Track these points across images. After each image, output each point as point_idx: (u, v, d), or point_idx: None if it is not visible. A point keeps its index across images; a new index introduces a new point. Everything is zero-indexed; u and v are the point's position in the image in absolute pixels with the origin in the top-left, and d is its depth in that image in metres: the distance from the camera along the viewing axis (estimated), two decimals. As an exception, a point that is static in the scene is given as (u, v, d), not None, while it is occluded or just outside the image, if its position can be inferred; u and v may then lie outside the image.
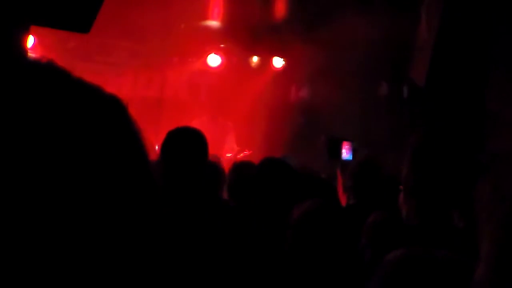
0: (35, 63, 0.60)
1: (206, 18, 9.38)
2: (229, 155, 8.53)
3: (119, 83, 9.13)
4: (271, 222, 2.81)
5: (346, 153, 5.97)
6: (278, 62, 9.81)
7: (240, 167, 3.71)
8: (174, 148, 2.52)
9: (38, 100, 0.54)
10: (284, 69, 9.82)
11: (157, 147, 8.25)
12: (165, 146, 2.56)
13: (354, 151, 6.01)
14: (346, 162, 5.75)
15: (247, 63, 9.81)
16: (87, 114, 0.56)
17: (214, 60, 9.48)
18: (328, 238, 2.14)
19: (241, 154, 8.52)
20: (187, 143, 2.54)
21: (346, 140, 6.15)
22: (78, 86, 0.60)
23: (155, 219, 0.60)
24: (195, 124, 8.19)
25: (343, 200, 3.95)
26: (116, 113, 0.61)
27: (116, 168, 0.56)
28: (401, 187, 2.24)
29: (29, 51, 6.33)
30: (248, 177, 3.50)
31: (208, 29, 9.33)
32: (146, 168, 0.61)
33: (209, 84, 9.74)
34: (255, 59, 9.84)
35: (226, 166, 4.82)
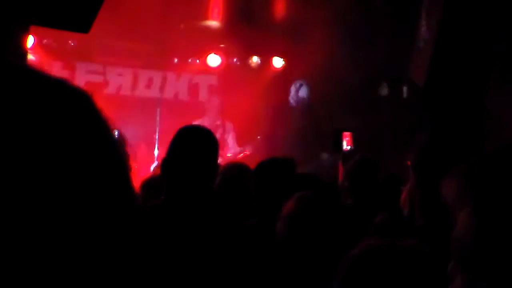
0: None
1: (206, 18, 9.37)
2: (229, 155, 8.53)
3: (119, 83, 9.13)
4: (269, 222, 2.80)
5: (347, 144, 5.84)
6: (278, 62, 9.82)
7: (228, 169, 3.68)
8: (186, 145, 2.51)
9: None
10: (284, 69, 9.82)
11: (156, 152, 8.22)
12: (176, 142, 2.53)
13: (356, 142, 5.88)
14: (348, 153, 5.63)
15: (247, 63, 9.81)
16: (51, 108, 0.52)
17: (214, 60, 9.48)
18: (325, 231, 2.12)
19: (241, 154, 8.52)
20: (199, 141, 2.53)
21: (347, 130, 6.02)
22: (40, 79, 0.54)
23: (131, 215, 0.57)
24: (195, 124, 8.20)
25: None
26: (82, 106, 0.56)
27: (85, 163, 0.52)
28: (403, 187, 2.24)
29: (29, 51, 6.32)
30: (232, 178, 3.50)
31: (208, 29, 9.33)
32: (118, 162, 0.58)
33: (209, 84, 9.74)
34: (255, 59, 9.84)
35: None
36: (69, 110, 0.54)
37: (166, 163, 2.49)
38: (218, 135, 8.67)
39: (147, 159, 8.21)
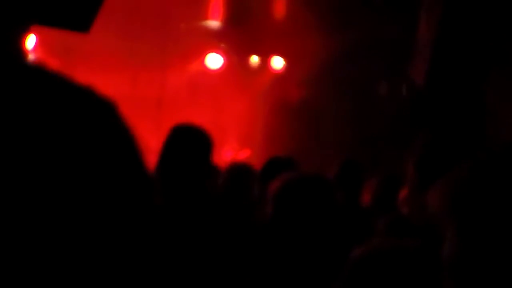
0: (24, 65, 0.58)
1: (206, 18, 9.38)
2: (229, 155, 8.54)
3: (119, 83, 9.12)
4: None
5: None
6: (278, 62, 9.81)
7: (232, 170, 3.68)
8: (177, 147, 2.49)
9: (28, 103, 0.52)
10: (284, 69, 9.82)
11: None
12: (168, 143, 2.52)
13: None
14: None
15: (247, 63, 9.81)
16: (79, 116, 0.55)
17: (214, 60, 9.47)
18: (312, 210, 2.08)
19: (242, 154, 8.53)
20: (191, 141, 2.51)
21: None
22: (69, 87, 0.58)
23: (152, 220, 0.59)
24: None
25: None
26: (108, 115, 0.58)
27: (111, 171, 0.55)
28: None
29: (29, 51, 6.32)
30: (237, 179, 3.50)
31: (208, 29, 9.33)
32: (141, 169, 0.60)
33: (209, 84, 9.74)
34: (255, 59, 9.83)
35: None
36: (95, 118, 0.56)
37: (158, 164, 2.48)
38: (217, 135, 8.67)
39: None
